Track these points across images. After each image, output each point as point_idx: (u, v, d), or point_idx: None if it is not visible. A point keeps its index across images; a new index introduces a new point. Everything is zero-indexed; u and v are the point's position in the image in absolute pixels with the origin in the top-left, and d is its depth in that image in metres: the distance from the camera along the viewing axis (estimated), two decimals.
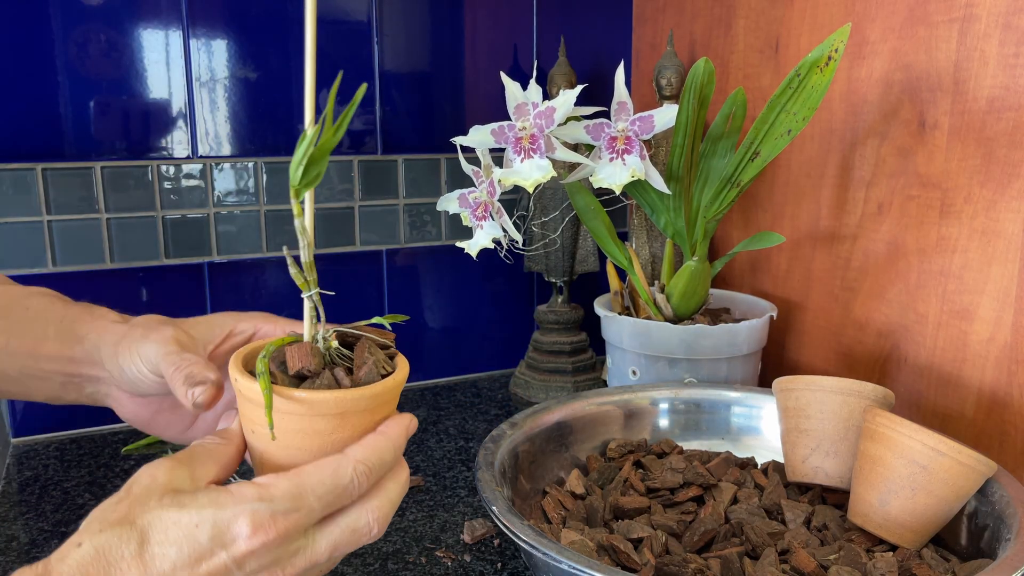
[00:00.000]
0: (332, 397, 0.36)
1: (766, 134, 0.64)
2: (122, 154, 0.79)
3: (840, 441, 0.55)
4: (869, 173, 0.72)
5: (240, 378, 0.37)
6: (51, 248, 0.78)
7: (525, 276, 1.00)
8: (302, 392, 0.36)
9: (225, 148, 0.83)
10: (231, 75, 0.82)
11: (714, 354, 0.71)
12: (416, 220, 0.92)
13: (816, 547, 0.50)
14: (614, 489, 0.58)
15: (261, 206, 0.85)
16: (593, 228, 0.77)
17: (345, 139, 0.88)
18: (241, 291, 0.86)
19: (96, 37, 0.77)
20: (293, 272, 0.39)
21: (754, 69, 0.85)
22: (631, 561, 0.48)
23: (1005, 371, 0.61)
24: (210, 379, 0.40)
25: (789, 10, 0.79)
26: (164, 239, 0.82)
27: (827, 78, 0.61)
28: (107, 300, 0.80)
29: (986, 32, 0.60)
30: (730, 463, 0.61)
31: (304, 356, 0.37)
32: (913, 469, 0.48)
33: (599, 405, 0.66)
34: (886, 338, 0.72)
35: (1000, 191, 0.60)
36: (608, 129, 0.66)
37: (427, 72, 0.90)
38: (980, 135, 0.61)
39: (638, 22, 1.01)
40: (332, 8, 0.85)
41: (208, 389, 0.40)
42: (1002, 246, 0.60)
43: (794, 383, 0.57)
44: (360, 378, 0.38)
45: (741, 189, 0.67)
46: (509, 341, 1.00)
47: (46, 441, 0.79)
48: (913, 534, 0.49)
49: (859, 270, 0.74)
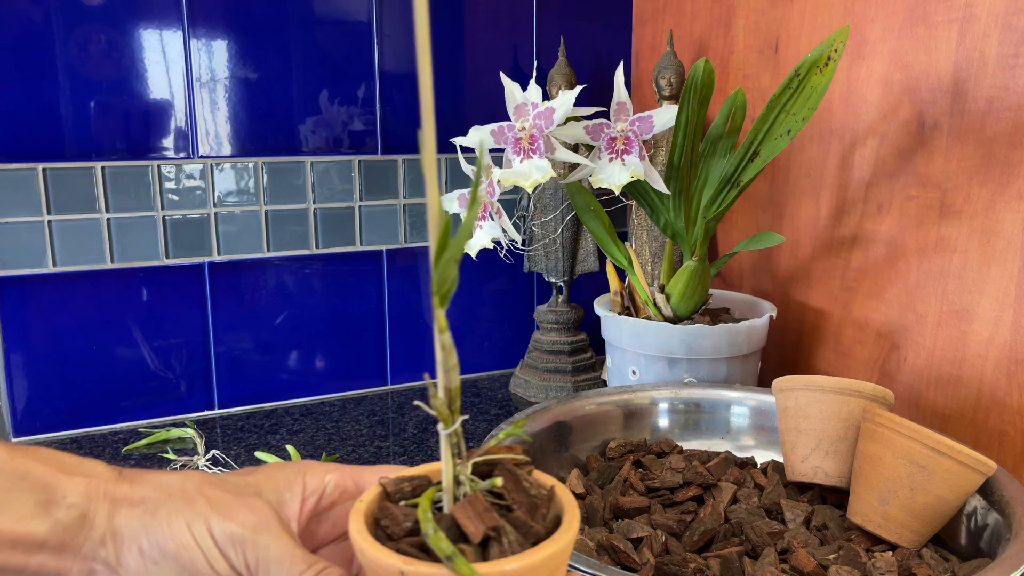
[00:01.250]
0: (542, 557, 0.27)
1: (766, 134, 0.64)
2: (123, 154, 0.79)
3: (840, 441, 0.55)
4: (868, 173, 0.72)
5: (408, 568, 0.26)
6: (52, 248, 0.78)
7: (525, 276, 1.00)
8: (513, 563, 0.26)
9: (225, 148, 0.83)
10: (231, 75, 0.82)
11: (714, 354, 0.71)
12: (416, 220, 0.93)
13: (816, 547, 0.50)
14: (614, 489, 0.58)
15: (261, 206, 0.85)
16: (593, 228, 0.77)
17: (345, 139, 0.88)
18: (241, 291, 0.86)
19: (97, 37, 0.77)
20: (437, 403, 0.28)
21: (754, 69, 0.85)
22: (631, 561, 0.48)
23: (1004, 371, 0.61)
24: None
25: (789, 11, 0.79)
26: (165, 239, 0.82)
27: (827, 78, 0.61)
28: (108, 300, 0.81)
29: (985, 32, 0.60)
30: (730, 463, 0.61)
31: (482, 513, 0.28)
32: (912, 469, 0.48)
33: (599, 405, 0.66)
34: (886, 338, 0.72)
35: (999, 191, 0.60)
36: (608, 129, 0.66)
37: None
38: (980, 135, 0.61)
39: (638, 22, 1.01)
40: (332, 8, 0.85)
41: None
42: (1001, 246, 0.60)
43: (793, 383, 0.57)
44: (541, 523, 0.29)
45: (741, 189, 0.67)
46: (509, 341, 1.00)
47: (46, 440, 0.79)
48: (913, 534, 0.49)
49: (859, 270, 0.74)
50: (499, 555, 0.27)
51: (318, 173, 0.87)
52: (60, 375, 0.80)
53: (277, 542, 0.29)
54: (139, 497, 0.29)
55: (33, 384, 0.79)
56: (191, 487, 0.30)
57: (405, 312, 0.94)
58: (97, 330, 0.81)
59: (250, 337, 0.87)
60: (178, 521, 0.29)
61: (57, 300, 0.79)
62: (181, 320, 0.84)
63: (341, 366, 0.92)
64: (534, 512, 0.29)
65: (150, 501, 0.29)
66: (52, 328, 0.79)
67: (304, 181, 0.87)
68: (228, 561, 0.29)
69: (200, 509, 0.29)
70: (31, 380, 0.79)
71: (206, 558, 0.29)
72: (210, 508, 0.29)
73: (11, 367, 0.78)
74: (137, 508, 0.29)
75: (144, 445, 0.78)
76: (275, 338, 0.88)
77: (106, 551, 0.29)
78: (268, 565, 0.28)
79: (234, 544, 0.29)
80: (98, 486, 0.30)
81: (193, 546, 0.28)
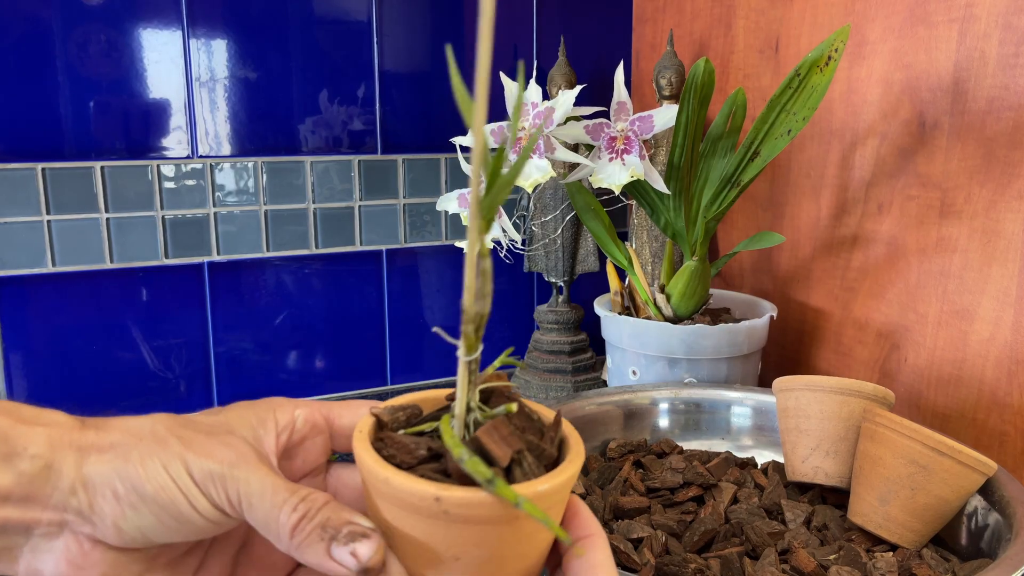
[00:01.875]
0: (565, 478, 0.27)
1: (766, 134, 0.64)
2: (122, 154, 0.79)
3: (840, 441, 0.55)
4: (869, 173, 0.72)
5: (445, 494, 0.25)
6: (51, 248, 0.78)
7: (525, 276, 1.00)
8: (544, 483, 0.26)
9: (225, 148, 0.83)
10: (231, 75, 0.82)
11: (714, 354, 0.71)
12: (416, 220, 0.92)
13: (816, 547, 0.50)
14: (614, 489, 0.58)
15: (261, 206, 0.85)
16: (593, 228, 0.77)
17: (345, 138, 0.88)
18: (241, 291, 0.86)
19: (96, 37, 0.77)
20: (467, 328, 0.27)
21: (754, 69, 0.85)
22: (631, 561, 0.48)
23: (1005, 371, 0.61)
24: (369, 528, 0.27)
25: (789, 10, 0.79)
26: (164, 239, 0.82)
27: (827, 78, 0.60)
28: (107, 300, 0.81)
29: (986, 32, 0.60)
30: (730, 463, 0.61)
31: (508, 438, 0.27)
32: (913, 469, 0.48)
33: (599, 405, 0.66)
34: (886, 338, 0.72)
35: (1000, 191, 0.60)
36: (608, 129, 0.66)
37: (427, 72, 0.90)
38: (980, 135, 0.61)
39: (638, 22, 1.01)
40: (332, 8, 0.85)
41: (375, 543, 0.27)
42: (1002, 246, 0.60)
43: (794, 383, 0.57)
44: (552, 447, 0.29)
45: (741, 189, 0.67)
46: (509, 341, 1.00)
47: None
48: (913, 534, 0.49)
49: (859, 270, 0.74)
50: (522, 478, 0.27)
51: (318, 173, 0.87)
52: (59, 375, 0.80)
53: (257, 474, 0.28)
54: (108, 443, 0.28)
55: (32, 384, 0.79)
56: (162, 429, 0.29)
57: (405, 312, 0.94)
58: (96, 330, 0.81)
59: (250, 337, 0.87)
60: (153, 463, 0.28)
61: (56, 300, 0.79)
62: (180, 320, 0.84)
63: (341, 366, 0.92)
64: (543, 437, 0.29)
65: (120, 446, 0.28)
66: (51, 328, 0.79)
67: (304, 181, 0.86)
68: (209, 499, 0.28)
69: (175, 449, 0.28)
70: (30, 380, 0.79)
71: (186, 498, 0.28)
72: (185, 448, 0.28)
73: (10, 367, 0.78)
74: (107, 454, 0.28)
75: None
76: (275, 338, 0.88)
77: (77, 500, 0.27)
78: (251, 498, 0.28)
79: (214, 481, 0.28)
80: (61, 435, 0.28)
81: (172, 486, 0.27)
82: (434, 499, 0.25)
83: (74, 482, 0.28)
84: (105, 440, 0.28)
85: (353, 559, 0.26)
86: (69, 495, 0.27)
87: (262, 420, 0.31)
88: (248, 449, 0.29)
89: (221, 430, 0.30)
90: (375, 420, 0.29)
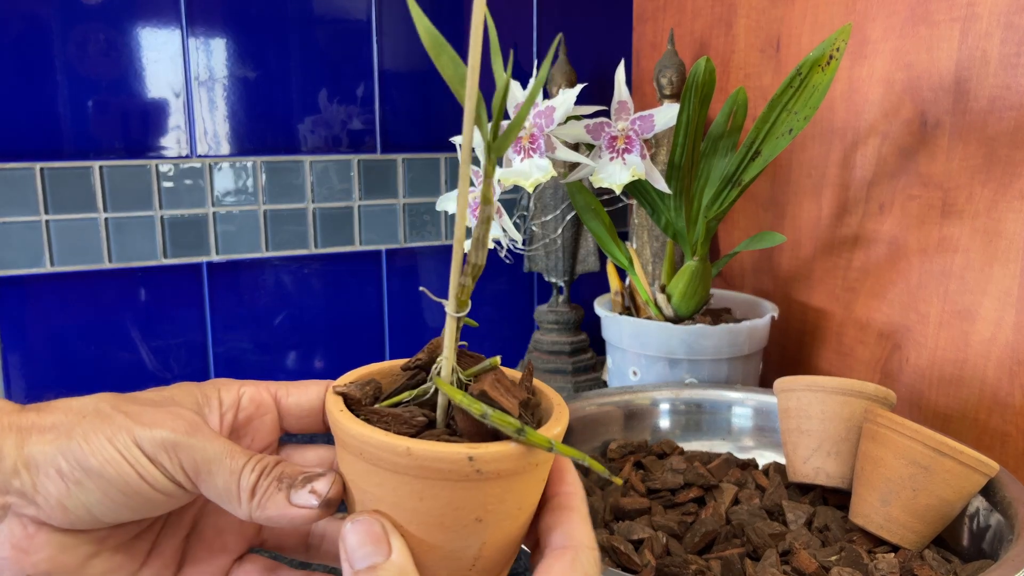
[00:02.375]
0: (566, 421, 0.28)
1: (767, 133, 0.64)
2: (121, 153, 0.79)
3: (841, 442, 0.55)
4: (870, 173, 0.72)
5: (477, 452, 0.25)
6: (49, 248, 0.77)
7: (525, 276, 1.00)
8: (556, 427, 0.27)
9: (224, 147, 0.83)
10: (230, 74, 0.82)
11: (715, 354, 0.71)
12: (416, 220, 0.92)
13: (817, 548, 0.50)
14: (614, 490, 0.57)
15: (260, 205, 0.85)
16: (593, 228, 0.77)
17: (344, 138, 0.88)
18: (240, 291, 0.86)
19: (95, 36, 0.76)
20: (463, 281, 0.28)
21: (755, 68, 0.84)
22: (632, 562, 0.48)
23: (1007, 371, 0.60)
24: (319, 469, 0.28)
25: (790, 9, 0.79)
26: (163, 238, 0.82)
27: (828, 77, 0.60)
28: (106, 300, 0.81)
29: (987, 31, 0.60)
30: (731, 464, 0.61)
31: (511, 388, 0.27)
32: (914, 470, 0.48)
33: (599, 405, 0.65)
34: (887, 338, 0.72)
35: (1002, 191, 0.60)
36: (608, 128, 0.66)
37: (427, 71, 0.90)
38: (982, 134, 0.61)
39: (638, 21, 1.01)
40: (332, 7, 0.85)
41: (330, 478, 0.28)
42: (1004, 246, 0.60)
43: (795, 383, 0.57)
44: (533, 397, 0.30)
45: (742, 189, 0.67)
46: (509, 341, 1.00)
47: None
48: (915, 535, 0.49)
49: (860, 270, 0.74)
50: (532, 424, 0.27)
51: (317, 172, 0.87)
52: (58, 375, 0.80)
53: (212, 442, 0.28)
54: (49, 423, 0.27)
55: (31, 384, 0.79)
56: (106, 406, 0.28)
57: (404, 312, 0.94)
58: (95, 330, 0.81)
59: (249, 337, 0.87)
60: (97, 438, 0.27)
61: (55, 300, 0.78)
62: (179, 320, 0.84)
63: (340, 366, 0.92)
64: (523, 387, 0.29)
65: (62, 425, 0.27)
66: (50, 328, 0.79)
67: (303, 180, 0.86)
68: (161, 469, 0.27)
69: (120, 423, 0.27)
70: (29, 380, 0.79)
71: (135, 470, 0.27)
72: (132, 421, 0.27)
73: (9, 367, 0.78)
74: (48, 434, 0.27)
75: None
76: (274, 338, 0.88)
77: (20, 480, 0.27)
78: (208, 465, 0.27)
79: (166, 450, 0.27)
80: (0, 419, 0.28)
81: (119, 459, 0.27)
82: (467, 459, 0.25)
83: (15, 463, 0.27)
84: (46, 420, 0.28)
85: (313, 496, 0.27)
86: (11, 476, 0.27)
87: (207, 397, 0.31)
88: (198, 419, 0.29)
89: (168, 403, 0.29)
90: (343, 397, 0.28)
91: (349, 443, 0.26)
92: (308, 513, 0.27)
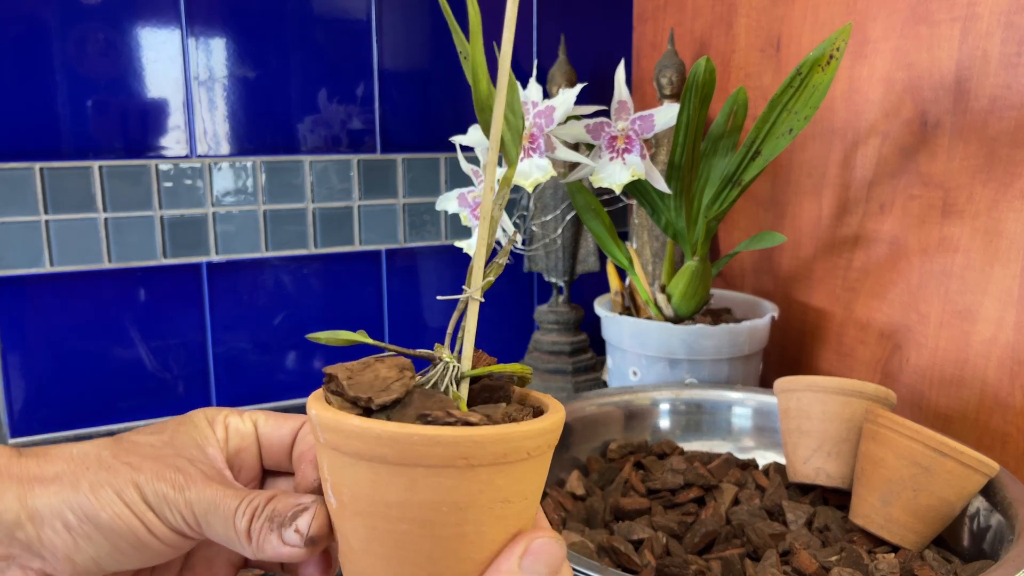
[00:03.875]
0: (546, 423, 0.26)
1: (767, 133, 0.64)
2: (120, 153, 0.79)
3: (842, 442, 0.55)
4: (871, 172, 0.72)
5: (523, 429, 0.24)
6: (49, 248, 0.77)
7: (525, 276, 1.00)
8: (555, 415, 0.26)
9: (224, 147, 0.83)
10: (229, 74, 0.82)
11: (715, 355, 0.71)
12: (416, 220, 0.92)
13: (817, 548, 0.49)
14: (615, 490, 0.57)
15: (260, 205, 0.85)
16: (593, 228, 0.77)
17: (344, 138, 0.88)
18: (240, 291, 0.86)
19: (94, 36, 0.76)
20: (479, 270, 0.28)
21: (755, 68, 0.84)
22: (632, 563, 0.47)
23: (1007, 371, 0.60)
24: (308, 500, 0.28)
25: (790, 9, 0.79)
26: (162, 238, 0.82)
27: (829, 77, 0.60)
28: (105, 300, 0.81)
29: (988, 31, 0.59)
30: (731, 464, 0.60)
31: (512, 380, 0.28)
32: (915, 470, 0.48)
33: (599, 406, 0.65)
34: (888, 338, 0.71)
35: (1002, 191, 0.60)
36: (608, 128, 0.66)
37: (427, 71, 0.90)
38: (982, 134, 0.61)
39: (639, 20, 1.01)
40: (331, 6, 0.85)
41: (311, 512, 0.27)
42: (1004, 246, 0.60)
43: (795, 384, 0.57)
44: None
45: (742, 189, 0.67)
46: (509, 341, 1.00)
47: (44, 442, 0.79)
48: (915, 535, 0.49)
49: (861, 270, 0.74)
50: None
51: (316, 172, 0.87)
52: (57, 375, 0.80)
53: (208, 491, 0.28)
54: (51, 474, 0.27)
55: (30, 384, 0.79)
56: (108, 455, 0.28)
57: (404, 313, 0.94)
58: (94, 330, 0.80)
59: (248, 337, 0.87)
60: (105, 491, 0.27)
61: (54, 300, 0.78)
62: (179, 320, 0.84)
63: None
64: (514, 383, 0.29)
65: (66, 476, 0.27)
66: (49, 328, 0.79)
67: (303, 180, 0.86)
68: (166, 522, 0.28)
69: (126, 475, 0.27)
70: (28, 380, 0.79)
71: (143, 523, 0.27)
72: (136, 473, 0.27)
73: (8, 367, 0.78)
74: (52, 485, 0.27)
75: None
76: (273, 338, 0.88)
77: (24, 533, 0.26)
78: (207, 516, 0.28)
79: (168, 504, 0.27)
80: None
81: (128, 513, 0.27)
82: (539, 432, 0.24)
83: (19, 515, 0.26)
84: (48, 470, 0.27)
85: (297, 535, 0.26)
86: (14, 528, 0.26)
87: (205, 437, 0.31)
88: (195, 468, 0.29)
89: (168, 452, 0.29)
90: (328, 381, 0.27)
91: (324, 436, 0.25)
92: (300, 551, 0.27)
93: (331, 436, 0.25)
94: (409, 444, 0.23)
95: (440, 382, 0.27)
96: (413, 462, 0.23)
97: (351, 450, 0.24)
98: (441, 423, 0.24)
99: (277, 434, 0.33)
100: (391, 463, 0.23)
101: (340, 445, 0.24)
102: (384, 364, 0.27)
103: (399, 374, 0.27)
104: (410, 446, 0.23)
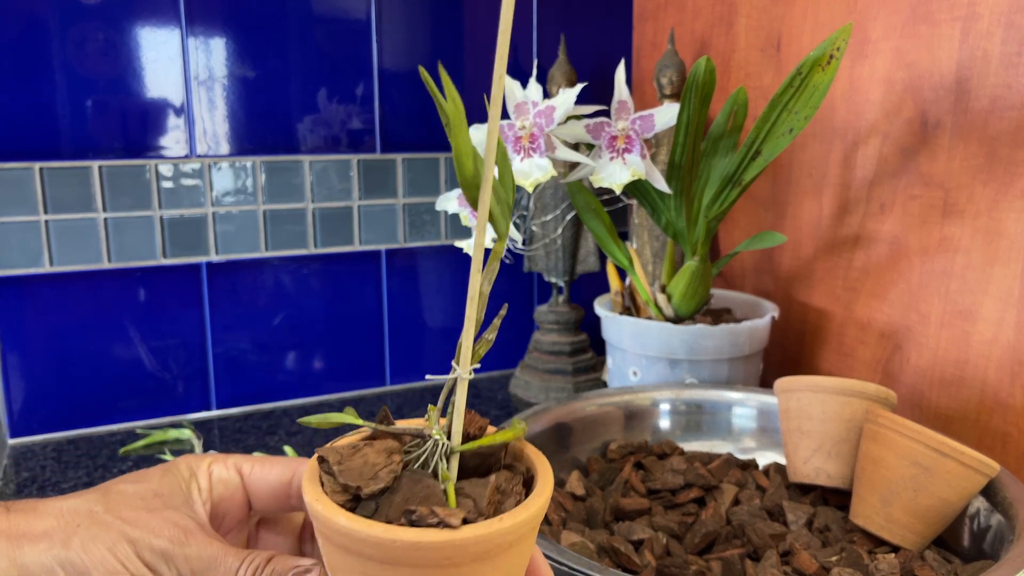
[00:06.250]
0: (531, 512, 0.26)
1: (768, 133, 0.64)
2: (120, 153, 0.79)
3: (842, 442, 0.55)
4: (871, 172, 0.72)
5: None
6: (48, 248, 0.77)
7: (525, 276, 0.99)
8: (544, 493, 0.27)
9: (223, 147, 0.83)
10: (229, 74, 0.82)
11: (715, 355, 0.71)
12: (416, 220, 0.92)
13: (818, 548, 0.49)
14: (615, 490, 0.57)
15: (259, 205, 0.85)
16: (593, 228, 0.77)
17: (344, 138, 0.87)
18: (239, 291, 0.85)
19: (94, 36, 0.76)
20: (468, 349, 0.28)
21: (756, 68, 0.84)
22: (632, 563, 0.47)
23: (1008, 372, 0.60)
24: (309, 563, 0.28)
25: (791, 8, 0.79)
26: (162, 239, 0.81)
27: (829, 77, 0.60)
28: (105, 300, 0.80)
29: (989, 31, 0.59)
30: (731, 464, 0.60)
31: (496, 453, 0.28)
32: (915, 470, 0.48)
33: (599, 406, 0.65)
34: (888, 338, 0.71)
35: (1003, 190, 0.60)
36: (608, 128, 0.66)
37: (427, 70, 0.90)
38: (983, 134, 0.61)
39: (639, 20, 1.01)
40: (331, 6, 0.85)
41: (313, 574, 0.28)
42: (1005, 246, 0.60)
43: (796, 384, 0.57)
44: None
45: (743, 189, 0.66)
46: (509, 341, 1.00)
47: (43, 442, 0.79)
48: (915, 535, 0.49)
49: (861, 270, 0.74)
50: None
51: (316, 172, 0.87)
52: (57, 376, 0.80)
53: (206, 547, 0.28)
54: (41, 530, 0.27)
55: (30, 385, 0.79)
56: (100, 509, 0.28)
57: (404, 313, 0.94)
58: (94, 330, 0.80)
59: (248, 337, 0.87)
60: (97, 548, 0.27)
61: (54, 300, 0.78)
62: (178, 320, 0.84)
63: (339, 367, 0.92)
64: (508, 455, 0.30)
65: (57, 532, 0.27)
66: (49, 328, 0.79)
67: (302, 180, 0.86)
68: None
69: (118, 530, 0.27)
70: (28, 381, 0.79)
71: None
72: (130, 527, 0.27)
73: (7, 368, 0.78)
74: (42, 542, 0.27)
75: (141, 446, 0.77)
76: (273, 338, 0.88)
77: None
78: (205, 573, 0.28)
79: (165, 560, 0.27)
80: None
81: (121, 570, 0.27)
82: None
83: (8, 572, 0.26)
84: (37, 526, 0.27)
85: None
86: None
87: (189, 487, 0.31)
88: (190, 522, 0.29)
89: (158, 504, 0.29)
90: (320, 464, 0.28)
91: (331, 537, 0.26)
92: None
93: (322, 528, 0.26)
94: (392, 548, 0.24)
95: (429, 460, 0.28)
96: (397, 562, 0.24)
97: (340, 544, 0.25)
98: (424, 524, 0.24)
99: (265, 481, 0.33)
100: (377, 561, 0.25)
101: (331, 538, 0.25)
102: (373, 448, 0.27)
103: (387, 460, 0.27)
104: (393, 550, 0.24)
